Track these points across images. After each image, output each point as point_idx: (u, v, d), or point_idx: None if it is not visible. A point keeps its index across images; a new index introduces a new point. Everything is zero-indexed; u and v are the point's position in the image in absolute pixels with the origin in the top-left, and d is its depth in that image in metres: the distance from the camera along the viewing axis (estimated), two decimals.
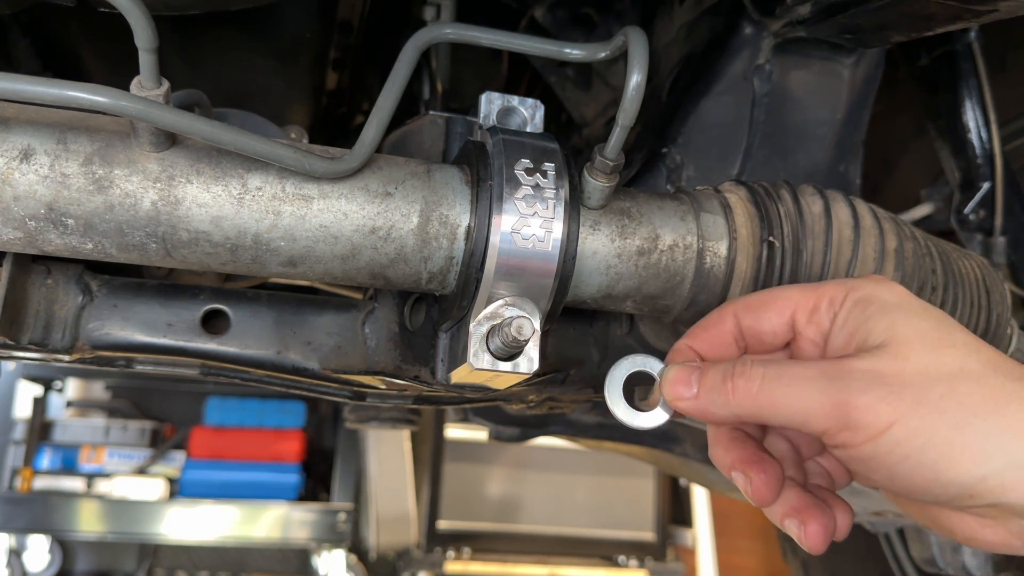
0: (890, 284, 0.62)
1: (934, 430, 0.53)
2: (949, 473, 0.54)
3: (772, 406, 0.58)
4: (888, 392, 0.55)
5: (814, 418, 0.57)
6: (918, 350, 0.56)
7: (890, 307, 0.59)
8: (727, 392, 0.60)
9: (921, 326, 0.58)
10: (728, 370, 0.61)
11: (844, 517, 0.65)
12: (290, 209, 0.66)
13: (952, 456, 0.53)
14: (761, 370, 0.59)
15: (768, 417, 0.59)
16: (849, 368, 0.57)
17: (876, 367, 0.56)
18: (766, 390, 0.58)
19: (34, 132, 0.63)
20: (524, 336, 0.64)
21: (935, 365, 0.55)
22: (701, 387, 0.62)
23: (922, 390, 0.54)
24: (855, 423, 0.55)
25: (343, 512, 2.65)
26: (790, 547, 2.25)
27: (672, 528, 3.12)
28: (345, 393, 0.89)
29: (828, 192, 0.82)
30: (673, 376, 0.64)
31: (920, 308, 0.60)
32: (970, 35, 1.24)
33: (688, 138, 1.01)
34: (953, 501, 0.55)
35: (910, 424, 0.54)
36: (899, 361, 0.56)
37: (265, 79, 1.14)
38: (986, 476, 0.53)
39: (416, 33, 0.72)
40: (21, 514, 2.51)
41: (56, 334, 0.78)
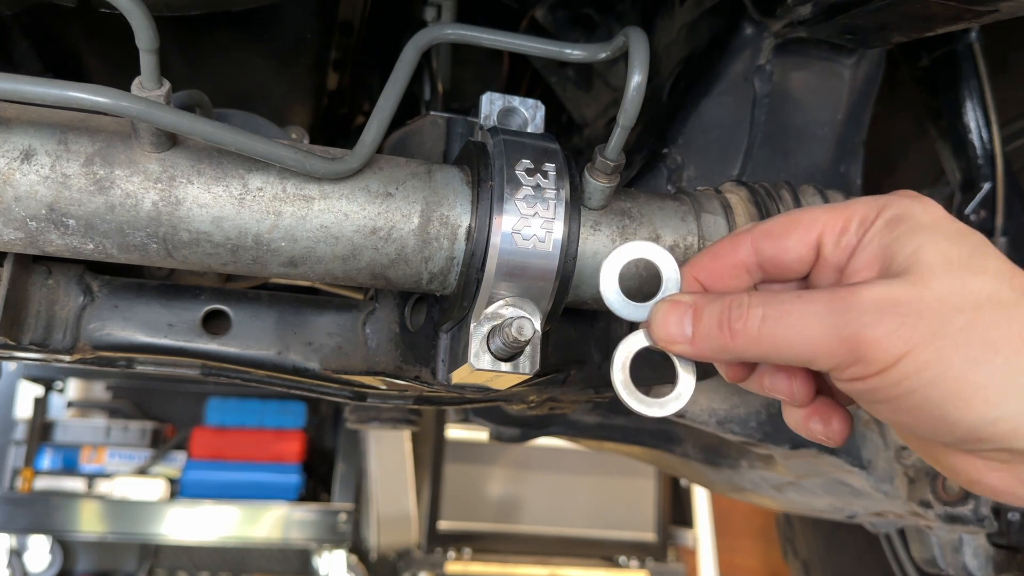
0: (926, 201, 0.56)
1: (947, 365, 0.49)
2: (958, 413, 0.50)
3: (776, 347, 0.54)
4: (901, 323, 0.50)
5: (821, 356, 0.52)
6: (941, 276, 0.51)
7: (920, 228, 0.54)
8: (725, 336, 0.56)
9: (951, 250, 0.52)
10: (724, 312, 0.56)
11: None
12: (291, 210, 0.66)
13: (963, 395, 0.49)
14: (760, 310, 0.54)
15: (773, 358, 0.55)
16: (859, 298, 0.51)
17: (891, 294, 0.51)
18: (767, 331, 0.54)
19: (35, 132, 0.63)
20: (525, 336, 0.63)
21: (959, 293, 0.50)
22: (696, 331, 0.57)
23: (940, 320, 0.49)
24: (863, 357, 0.51)
25: (344, 512, 2.65)
26: (791, 547, 2.25)
27: (673, 528, 3.12)
28: (346, 393, 0.89)
29: (829, 192, 0.82)
30: (663, 316, 0.59)
31: (955, 231, 0.54)
32: (971, 35, 1.24)
33: (689, 138, 1.01)
34: (960, 443, 0.52)
35: (921, 357, 0.49)
36: (918, 288, 0.51)
37: (266, 80, 1.14)
38: (997, 419, 0.49)
39: (417, 34, 0.72)
40: (22, 514, 2.51)
41: (57, 334, 0.78)
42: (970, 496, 1.23)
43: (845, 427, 0.60)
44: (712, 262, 0.61)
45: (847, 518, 1.45)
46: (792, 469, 1.31)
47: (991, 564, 1.37)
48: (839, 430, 0.60)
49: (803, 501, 1.43)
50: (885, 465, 1.25)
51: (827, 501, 1.38)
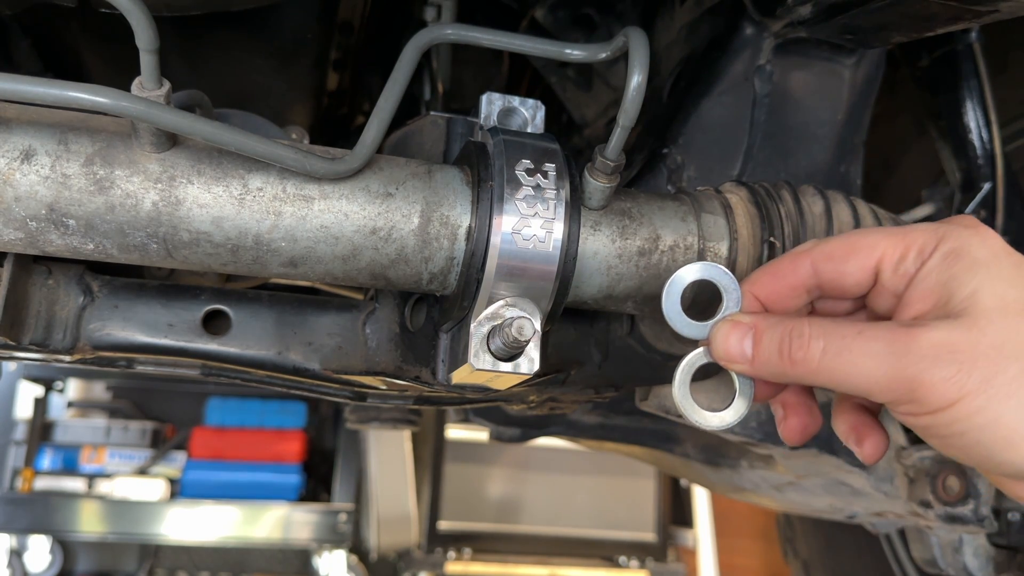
0: (983, 232, 0.58)
1: (999, 412, 0.52)
2: (1006, 455, 0.52)
3: (835, 380, 0.56)
4: (957, 370, 0.52)
5: (879, 392, 0.55)
6: (997, 322, 0.53)
7: (978, 266, 0.55)
8: (785, 363, 0.57)
9: (1007, 293, 0.54)
10: (785, 339, 0.58)
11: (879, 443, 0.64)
12: (291, 210, 0.66)
13: (1011, 440, 0.52)
14: (822, 343, 0.56)
15: (831, 386, 0.57)
16: (919, 342, 0.53)
17: (948, 339, 0.53)
18: (827, 364, 0.56)
19: (35, 133, 0.63)
20: (525, 337, 0.63)
21: (1013, 340, 0.52)
22: (756, 354, 0.59)
23: (994, 368, 0.52)
24: (919, 399, 0.53)
25: (344, 513, 2.65)
26: (791, 547, 2.25)
27: (673, 529, 3.12)
28: (346, 393, 0.89)
29: (829, 192, 0.82)
30: (724, 336, 0.60)
31: (1011, 270, 0.55)
32: (971, 35, 1.24)
33: (689, 139, 1.01)
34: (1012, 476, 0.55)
35: (974, 403, 0.52)
36: (974, 333, 0.53)
37: (266, 80, 1.14)
38: None
39: (417, 34, 0.72)
40: (22, 514, 2.51)
41: (57, 334, 0.78)
42: (970, 496, 1.23)
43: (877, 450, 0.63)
44: (772, 281, 0.63)
45: (847, 518, 1.45)
46: (792, 469, 1.31)
47: (991, 564, 1.37)
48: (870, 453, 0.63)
49: (803, 501, 1.43)
50: (885, 465, 1.25)
51: (827, 501, 1.38)
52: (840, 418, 0.65)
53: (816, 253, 0.62)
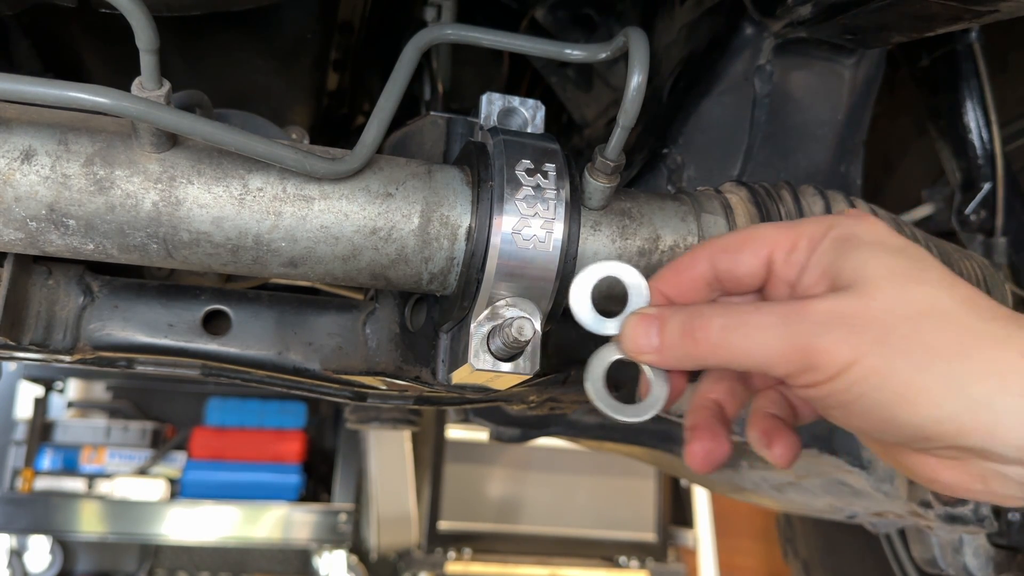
0: (871, 220, 0.60)
1: (893, 370, 0.52)
2: (905, 414, 0.52)
3: (734, 355, 0.57)
4: (849, 332, 0.53)
5: (776, 364, 0.55)
6: (885, 288, 0.54)
7: (864, 244, 0.57)
8: (688, 344, 0.59)
9: (893, 264, 0.55)
10: (687, 322, 0.59)
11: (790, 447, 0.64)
12: (291, 210, 0.66)
13: (908, 397, 0.52)
14: (720, 320, 0.58)
15: (732, 365, 0.58)
16: (810, 310, 0.55)
17: (838, 307, 0.54)
18: (726, 339, 0.57)
19: (35, 133, 0.63)
20: (525, 337, 0.64)
21: (902, 303, 0.54)
22: (662, 341, 0.60)
23: (885, 329, 0.53)
24: (815, 365, 0.54)
25: (344, 513, 2.65)
26: (791, 548, 2.25)
27: (673, 529, 3.12)
28: (346, 394, 0.89)
29: (829, 192, 0.82)
30: (632, 329, 0.62)
31: (897, 246, 0.57)
32: (971, 35, 1.24)
33: (689, 139, 1.02)
34: (910, 442, 0.54)
35: (868, 363, 0.52)
36: (864, 300, 0.54)
37: (266, 80, 1.14)
38: (941, 419, 0.52)
39: (417, 34, 0.72)
40: (22, 515, 2.51)
41: (57, 335, 0.78)
42: None
43: (787, 451, 0.63)
44: (675, 276, 0.64)
45: (847, 518, 1.45)
46: (792, 469, 1.31)
47: (991, 564, 1.37)
48: (780, 454, 0.63)
49: (803, 501, 1.43)
50: (885, 465, 1.25)
51: (827, 501, 1.38)
52: (752, 427, 0.65)
53: (712, 246, 0.64)
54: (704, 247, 0.64)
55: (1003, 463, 0.53)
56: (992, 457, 0.52)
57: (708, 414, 0.64)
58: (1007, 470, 0.53)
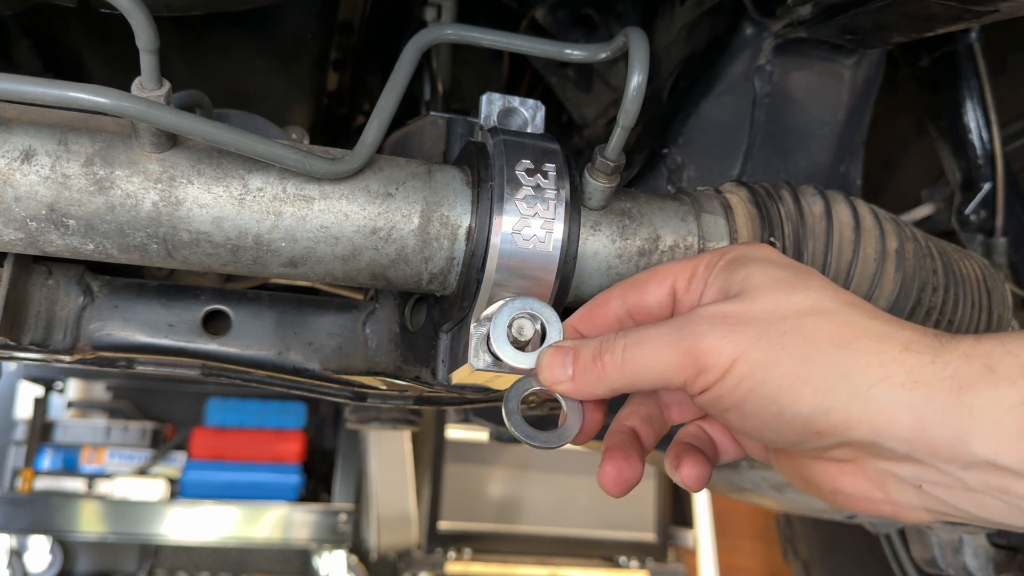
0: (764, 246, 0.62)
1: (777, 363, 0.53)
2: (792, 406, 0.52)
3: (637, 371, 0.58)
4: (731, 330, 0.54)
5: (672, 372, 0.56)
6: (768, 293, 0.56)
7: (753, 260, 0.59)
8: (598, 369, 0.60)
9: (778, 274, 0.57)
10: (596, 348, 0.61)
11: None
12: (291, 210, 0.66)
13: (794, 388, 0.52)
14: (623, 340, 0.59)
15: (640, 383, 0.59)
16: (695, 316, 0.57)
17: (722, 310, 0.56)
18: (628, 358, 0.58)
19: (35, 133, 0.63)
20: (525, 337, 0.64)
21: (784, 304, 0.55)
22: (575, 370, 0.62)
23: (766, 326, 0.54)
24: (704, 366, 0.55)
25: (344, 513, 2.65)
26: (791, 548, 2.25)
27: (673, 529, 3.12)
28: (346, 394, 0.89)
29: (829, 193, 0.82)
30: (548, 360, 0.63)
31: (784, 262, 0.60)
32: (971, 36, 1.24)
33: (689, 139, 1.02)
34: (804, 441, 0.54)
35: (751, 358, 0.53)
36: (747, 303, 0.56)
37: (266, 80, 1.14)
38: (829, 409, 0.52)
39: (417, 34, 0.72)
40: (22, 515, 2.50)
41: (57, 335, 0.78)
42: None
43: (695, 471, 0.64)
44: (588, 314, 0.66)
45: (847, 518, 1.45)
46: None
47: (991, 564, 1.36)
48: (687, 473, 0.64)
49: (803, 501, 1.43)
50: None
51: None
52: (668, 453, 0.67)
53: (622, 285, 0.66)
54: (616, 286, 0.66)
55: (895, 461, 0.52)
56: (883, 454, 0.52)
57: (623, 438, 0.65)
58: (900, 470, 0.53)
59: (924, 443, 0.50)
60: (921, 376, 0.51)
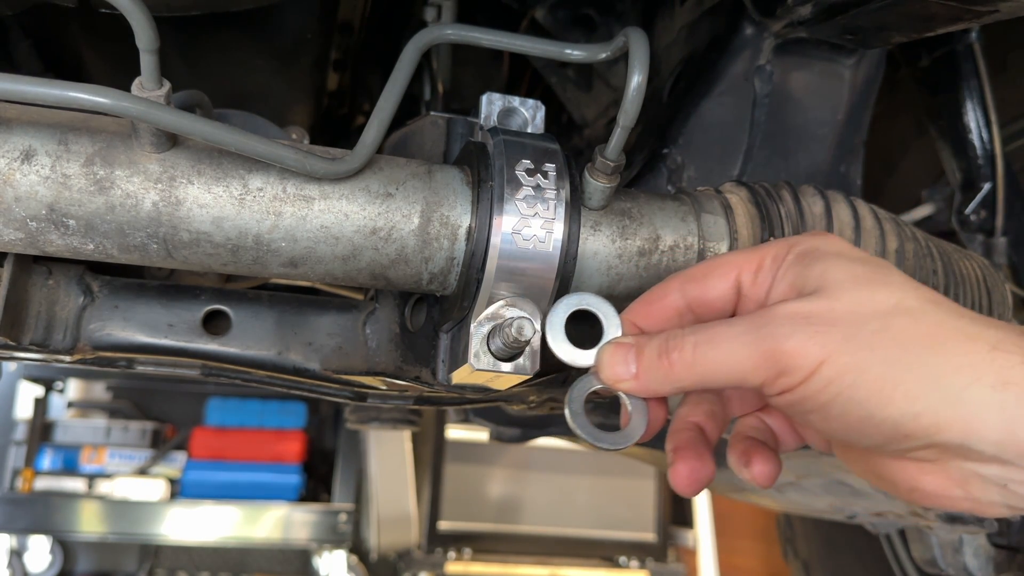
0: (831, 237, 0.61)
1: (865, 366, 0.51)
2: (882, 411, 0.51)
3: (709, 371, 0.57)
4: (815, 331, 0.53)
5: (750, 373, 0.55)
6: (849, 290, 0.54)
7: (826, 255, 0.58)
8: (664, 367, 0.59)
9: (856, 270, 0.56)
10: (662, 345, 0.59)
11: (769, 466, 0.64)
12: (291, 210, 0.66)
13: (884, 392, 0.51)
14: (693, 338, 0.58)
15: (711, 383, 0.58)
16: (774, 315, 0.55)
17: (802, 309, 0.54)
18: (700, 356, 0.57)
19: (35, 133, 0.63)
20: (525, 337, 0.64)
21: (868, 303, 0.54)
22: (639, 367, 0.61)
23: (852, 327, 0.52)
24: (786, 368, 0.53)
25: (344, 513, 2.65)
26: (791, 548, 2.25)
27: (673, 529, 3.12)
28: (346, 394, 0.89)
29: (829, 193, 0.82)
30: (609, 358, 0.62)
31: (859, 256, 0.58)
32: (971, 36, 1.24)
33: (689, 139, 1.01)
34: (889, 443, 0.53)
35: (840, 361, 0.52)
36: (829, 301, 0.54)
37: (266, 80, 1.14)
38: (919, 413, 0.51)
39: (417, 34, 0.72)
40: (22, 515, 2.51)
41: (57, 335, 0.78)
42: None
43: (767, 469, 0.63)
44: (646, 308, 0.65)
45: (847, 518, 1.45)
46: (792, 469, 1.31)
47: (991, 564, 1.37)
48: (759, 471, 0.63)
49: (803, 501, 1.43)
50: None
51: (827, 501, 1.38)
52: (732, 449, 0.65)
53: (682, 277, 0.64)
54: (673, 278, 0.65)
55: (981, 462, 0.52)
56: (970, 455, 0.52)
57: (691, 436, 0.64)
58: (985, 470, 0.52)
59: (1014, 444, 0.50)
60: (1011, 377, 0.50)
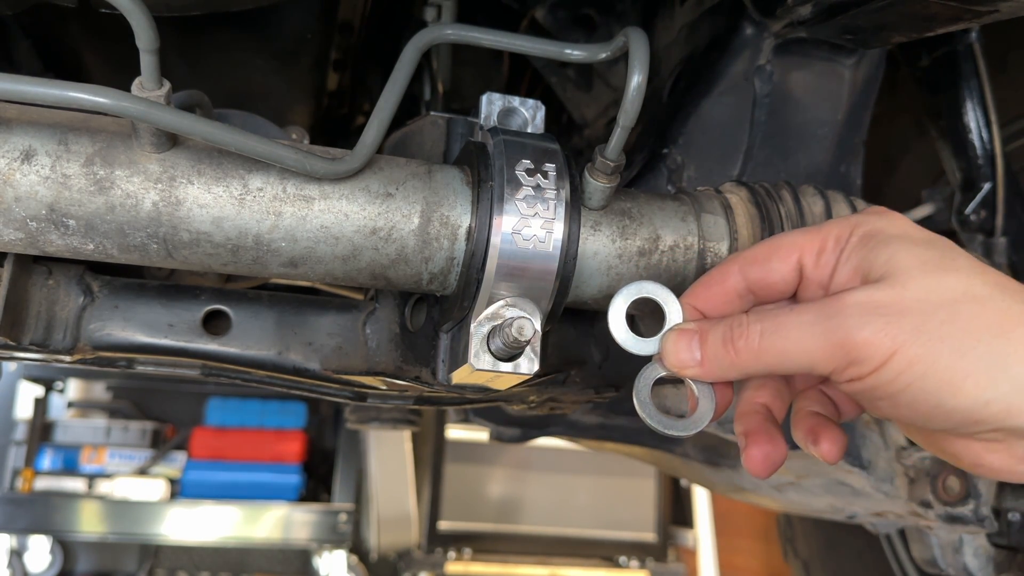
0: (893, 215, 0.61)
1: (936, 357, 0.53)
2: (953, 400, 0.53)
3: (777, 359, 0.58)
4: (886, 323, 0.53)
5: (819, 362, 0.56)
6: (917, 278, 0.55)
7: (892, 238, 0.58)
8: (730, 354, 0.59)
9: (923, 254, 0.56)
10: (727, 332, 0.60)
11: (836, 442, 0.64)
12: (291, 210, 0.66)
13: (955, 382, 0.52)
14: (759, 326, 0.58)
15: (777, 370, 0.59)
16: (844, 304, 0.55)
17: (872, 298, 0.55)
18: (767, 345, 0.58)
19: (35, 133, 0.63)
20: (525, 337, 0.63)
21: (936, 291, 0.54)
22: (704, 353, 0.61)
23: (922, 317, 0.53)
24: (857, 359, 0.54)
25: (344, 513, 2.65)
26: (791, 548, 2.25)
27: (673, 529, 3.12)
28: (346, 394, 0.89)
29: (829, 192, 0.82)
30: (673, 345, 0.63)
31: (924, 238, 0.58)
32: (971, 35, 1.24)
33: (689, 139, 1.01)
34: (959, 428, 0.55)
35: (911, 352, 0.53)
36: (897, 290, 0.55)
37: (266, 80, 1.15)
38: (990, 401, 0.52)
39: (417, 34, 0.72)
40: (22, 515, 2.51)
41: (57, 335, 0.78)
42: (970, 496, 1.23)
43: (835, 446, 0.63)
44: (706, 291, 0.65)
45: (847, 518, 1.45)
46: (792, 469, 1.31)
47: (991, 564, 1.37)
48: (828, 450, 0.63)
49: (803, 501, 1.43)
50: (885, 465, 1.25)
51: (827, 501, 1.38)
52: (797, 426, 0.66)
53: (742, 259, 0.64)
54: (733, 260, 0.65)
55: None
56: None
57: (760, 419, 0.64)
58: None
59: None
60: None
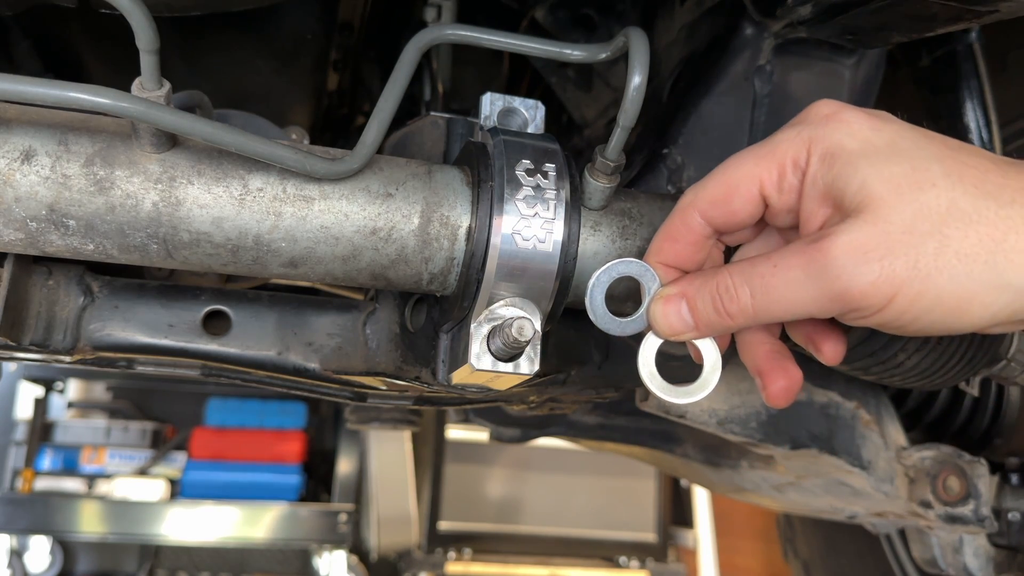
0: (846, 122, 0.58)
1: (938, 291, 0.53)
2: (960, 322, 0.54)
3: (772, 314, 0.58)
4: (880, 267, 0.53)
5: (819, 310, 0.57)
6: (896, 205, 0.54)
7: (855, 157, 0.56)
8: (725, 320, 0.60)
9: (894, 173, 0.55)
10: (716, 299, 0.60)
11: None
12: (291, 210, 0.66)
13: (960, 308, 0.54)
14: (747, 287, 0.58)
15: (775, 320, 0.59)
16: (831, 255, 0.55)
17: (857, 241, 0.54)
18: (760, 304, 0.58)
19: (35, 133, 0.63)
20: (525, 337, 0.63)
21: (920, 216, 0.54)
22: (696, 318, 0.62)
23: (915, 252, 0.53)
24: (857, 306, 0.55)
25: (344, 513, 2.65)
26: (791, 548, 2.25)
27: (673, 529, 3.12)
28: (346, 394, 0.89)
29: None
30: (661, 316, 0.63)
31: (887, 151, 0.56)
32: (971, 36, 1.24)
33: (689, 139, 1.01)
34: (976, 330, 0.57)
35: (912, 291, 0.53)
36: (880, 225, 0.54)
37: (266, 80, 1.15)
38: (996, 313, 0.54)
39: (417, 34, 0.72)
40: (22, 515, 2.51)
41: (57, 335, 0.78)
42: (970, 496, 1.23)
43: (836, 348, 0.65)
44: (673, 245, 0.65)
45: (847, 518, 1.45)
46: (792, 469, 1.31)
47: (991, 564, 1.37)
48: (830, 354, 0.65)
49: (803, 501, 1.43)
50: (885, 465, 1.25)
51: (827, 501, 1.38)
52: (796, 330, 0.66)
53: (701, 203, 0.64)
54: (691, 206, 0.64)
55: None
56: None
57: (766, 351, 0.65)
58: None
59: None
60: None
